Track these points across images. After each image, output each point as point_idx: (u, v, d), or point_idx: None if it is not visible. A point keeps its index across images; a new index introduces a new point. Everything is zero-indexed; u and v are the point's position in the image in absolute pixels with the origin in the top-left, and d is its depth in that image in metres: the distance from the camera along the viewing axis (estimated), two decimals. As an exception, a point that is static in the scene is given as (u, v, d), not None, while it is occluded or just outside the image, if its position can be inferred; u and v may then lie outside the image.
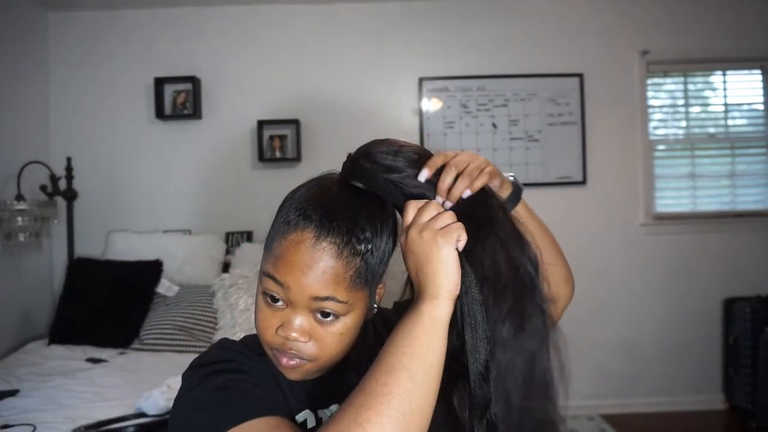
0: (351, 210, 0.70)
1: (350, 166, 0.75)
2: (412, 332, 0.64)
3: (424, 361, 0.62)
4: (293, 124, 3.41)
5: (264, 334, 0.73)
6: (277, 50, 3.49)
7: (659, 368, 3.48)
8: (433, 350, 0.63)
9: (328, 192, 0.72)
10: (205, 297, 2.95)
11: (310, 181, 0.77)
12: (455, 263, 0.66)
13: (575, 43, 3.52)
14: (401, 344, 0.63)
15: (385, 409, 0.58)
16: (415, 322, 0.64)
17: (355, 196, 0.72)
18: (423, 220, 0.68)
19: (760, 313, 3.18)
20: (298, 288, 0.68)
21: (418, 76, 3.49)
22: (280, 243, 0.70)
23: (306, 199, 0.72)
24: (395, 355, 0.62)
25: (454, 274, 0.66)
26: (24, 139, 3.21)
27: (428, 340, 0.63)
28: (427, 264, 0.67)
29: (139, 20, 3.46)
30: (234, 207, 3.45)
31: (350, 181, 0.74)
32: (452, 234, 0.67)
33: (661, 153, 3.61)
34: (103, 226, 3.38)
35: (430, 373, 0.62)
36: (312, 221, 0.69)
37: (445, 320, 0.65)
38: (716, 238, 3.51)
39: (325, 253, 0.68)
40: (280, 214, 0.73)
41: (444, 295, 0.65)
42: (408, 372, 0.61)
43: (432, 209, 0.69)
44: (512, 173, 0.85)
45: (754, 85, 3.66)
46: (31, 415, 1.93)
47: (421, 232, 0.67)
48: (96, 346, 2.79)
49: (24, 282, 3.16)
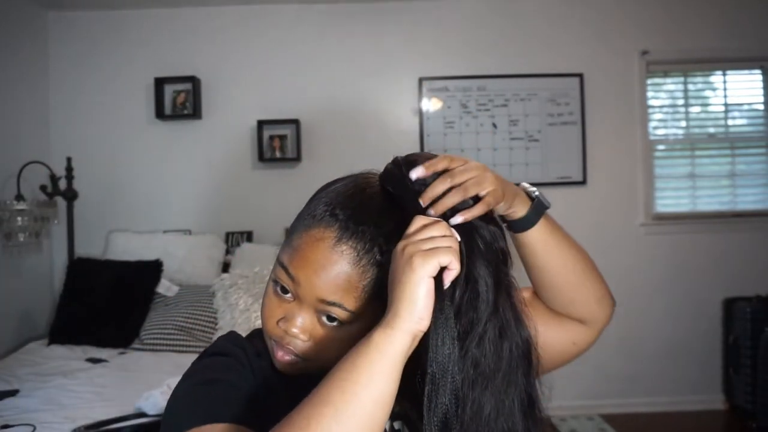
0: (380, 217, 0.66)
1: (388, 168, 0.70)
2: (354, 363, 0.56)
3: (355, 398, 0.54)
4: (293, 124, 3.41)
5: (266, 323, 0.71)
6: (277, 50, 3.49)
7: (659, 368, 3.48)
8: (370, 389, 0.54)
9: (361, 193, 0.69)
10: (205, 297, 2.95)
11: (348, 176, 0.73)
12: (426, 293, 0.57)
13: (575, 43, 3.52)
14: (338, 375, 0.56)
15: None
16: (360, 352, 0.56)
17: (387, 202, 0.68)
18: (417, 237, 0.60)
19: (760, 313, 3.18)
20: (308, 285, 0.66)
21: (418, 76, 3.49)
22: (300, 235, 0.68)
23: (338, 195, 0.69)
24: (327, 387, 0.55)
25: (421, 306, 0.56)
26: (24, 139, 3.21)
27: (366, 377, 0.54)
28: (396, 286, 0.58)
29: (139, 20, 3.46)
30: (234, 207, 3.45)
31: (384, 185, 0.70)
32: (433, 258, 0.57)
33: (661, 153, 3.61)
34: (103, 226, 3.38)
35: (359, 415, 0.53)
36: (337, 220, 0.66)
37: (396, 356, 0.56)
38: (716, 238, 3.51)
39: (343, 257, 0.65)
40: (310, 205, 0.70)
41: (402, 328, 0.56)
42: (333, 409, 0.53)
43: (439, 228, 0.61)
44: (536, 189, 0.77)
45: (754, 85, 3.66)
46: (31, 415, 1.93)
47: (404, 248, 0.59)
48: (96, 346, 2.79)
49: (24, 282, 3.16)
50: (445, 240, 0.59)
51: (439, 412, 0.58)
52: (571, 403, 3.42)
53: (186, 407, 0.67)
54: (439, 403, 0.58)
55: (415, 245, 0.59)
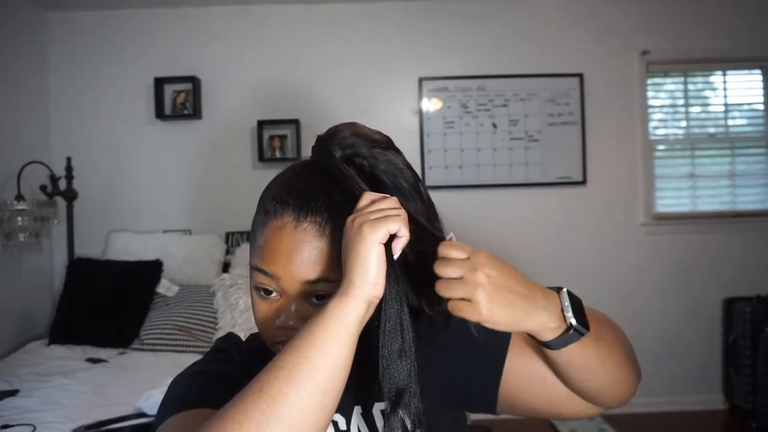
0: (325, 187, 0.69)
1: (317, 148, 0.73)
2: (310, 329, 0.58)
3: (309, 362, 0.55)
4: (293, 124, 3.41)
5: (264, 329, 0.72)
6: (277, 50, 3.49)
7: (659, 368, 3.47)
8: (325, 354, 0.56)
9: (300, 175, 0.71)
10: (205, 297, 2.95)
11: (282, 170, 0.76)
12: (378, 260, 0.58)
13: (575, 43, 3.52)
14: (294, 342, 0.57)
15: (249, 408, 0.54)
16: (316, 320, 0.58)
17: (327, 175, 0.70)
18: (366, 210, 0.61)
19: (760, 313, 3.18)
20: (287, 275, 0.67)
21: (418, 76, 3.49)
22: (262, 234, 0.69)
23: (279, 186, 0.71)
24: (282, 354, 0.57)
25: (372, 271, 0.58)
26: (24, 139, 3.21)
27: (321, 342, 0.56)
28: (348, 255, 0.60)
29: (139, 20, 3.46)
30: (234, 207, 3.45)
31: (320, 162, 0.73)
32: (382, 225, 0.58)
33: (661, 153, 3.61)
34: (103, 226, 3.38)
35: (313, 378, 0.55)
36: (289, 205, 0.68)
37: (351, 323, 0.58)
38: (716, 238, 3.51)
39: (307, 233, 0.67)
40: (259, 207, 0.73)
41: (355, 294, 0.58)
42: (286, 372, 0.55)
43: (388, 202, 0.62)
44: (569, 308, 0.63)
45: (754, 85, 3.66)
46: (31, 415, 1.94)
47: (353, 220, 0.61)
48: (96, 346, 2.79)
49: (24, 282, 3.16)
50: (388, 207, 0.61)
51: (394, 382, 0.59)
52: (571, 403, 3.42)
53: (166, 400, 0.71)
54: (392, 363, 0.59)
55: (364, 216, 0.60)
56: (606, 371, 0.69)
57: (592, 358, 0.67)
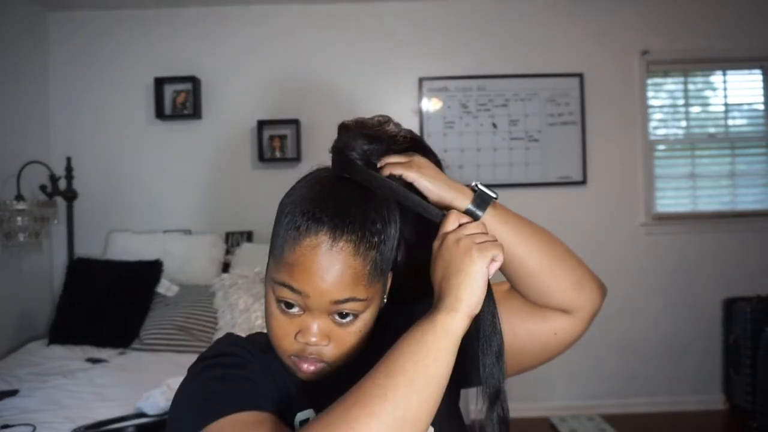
0: (359, 204, 0.69)
1: (340, 161, 0.74)
2: (422, 340, 0.61)
3: (427, 371, 0.60)
4: (293, 124, 3.41)
5: (281, 343, 0.72)
6: (277, 50, 3.49)
7: (659, 368, 3.48)
8: (439, 363, 0.61)
9: (331, 190, 0.70)
10: (205, 297, 2.95)
11: (304, 181, 0.75)
12: (483, 281, 0.65)
13: (575, 43, 3.52)
14: (407, 349, 0.61)
15: (376, 411, 0.57)
16: (427, 331, 0.62)
17: (357, 188, 0.71)
18: (464, 231, 0.68)
19: (760, 313, 3.18)
20: (317, 294, 0.67)
21: (418, 76, 3.49)
22: (293, 250, 0.68)
23: (311, 201, 0.69)
24: (398, 360, 0.60)
25: (479, 291, 0.64)
26: (24, 139, 3.21)
27: (436, 352, 0.61)
28: (455, 274, 0.65)
29: (139, 20, 3.46)
30: (234, 207, 3.45)
31: (341, 174, 0.73)
32: (489, 251, 0.65)
33: (661, 153, 3.61)
34: (103, 226, 3.38)
35: (430, 385, 0.60)
36: (324, 223, 0.67)
37: (457, 335, 0.63)
38: (716, 238, 3.51)
39: (342, 253, 0.67)
40: (285, 219, 0.70)
41: (463, 311, 0.63)
42: (408, 378, 0.59)
43: (477, 226, 0.69)
44: (479, 183, 0.76)
45: (754, 85, 3.66)
46: (31, 415, 1.93)
47: (458, 241, 0.66)
48: (96, 346, 2.79)
49: (24, 282, 3.16)
50: (488, 236, 0.68)
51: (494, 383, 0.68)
52: (571, 403, 3.42)
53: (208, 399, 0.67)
54: (493, 373, 0.68)
55: (469, 238, 0.66)
56: (544, 249, 0.77)
57: (519, 228, 0.76)
